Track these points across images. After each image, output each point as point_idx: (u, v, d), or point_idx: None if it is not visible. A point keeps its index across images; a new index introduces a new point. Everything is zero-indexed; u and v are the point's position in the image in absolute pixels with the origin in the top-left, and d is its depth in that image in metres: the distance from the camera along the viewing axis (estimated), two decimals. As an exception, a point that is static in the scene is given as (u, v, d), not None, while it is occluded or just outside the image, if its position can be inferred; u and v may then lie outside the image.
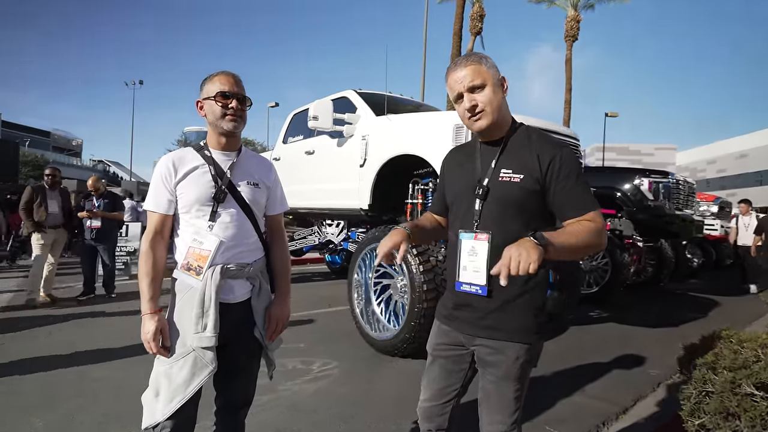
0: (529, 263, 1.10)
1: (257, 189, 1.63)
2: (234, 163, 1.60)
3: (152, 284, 1.50)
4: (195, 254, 1.51)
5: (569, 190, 1.31)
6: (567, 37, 19.13)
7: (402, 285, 3.67)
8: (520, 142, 1.39)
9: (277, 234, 1.78)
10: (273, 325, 1.65)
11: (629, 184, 6.29)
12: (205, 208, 1.52)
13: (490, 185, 1.36)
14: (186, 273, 1.52)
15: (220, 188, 1.54)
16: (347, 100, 4.94)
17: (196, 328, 1.46)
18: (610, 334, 4.70)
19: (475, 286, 1.36)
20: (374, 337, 3.80)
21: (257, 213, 1.64)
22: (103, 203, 5.90)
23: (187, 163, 1.55)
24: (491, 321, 1.36)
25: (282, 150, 6.09)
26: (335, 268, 8.37)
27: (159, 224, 1.54)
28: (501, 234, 1.33)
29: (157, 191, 1.54)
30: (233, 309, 1.56)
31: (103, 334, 4.16)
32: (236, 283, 1.57)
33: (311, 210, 5.53)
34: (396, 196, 4.32)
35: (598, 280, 6.23)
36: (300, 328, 4.53)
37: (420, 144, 3.79)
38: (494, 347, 1.36)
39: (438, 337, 1.51)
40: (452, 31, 14.88)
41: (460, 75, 1.36)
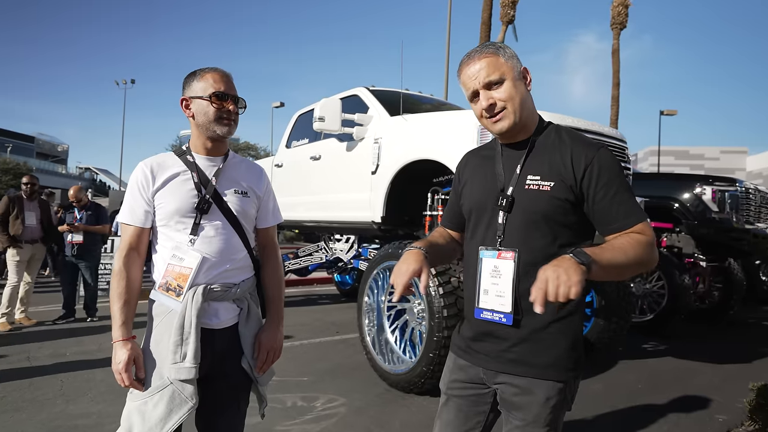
0: (569, 286, 1.05)
1: (246, 198, 1.64)
2: (220, 169, 1.61)
3: (125, 308, 1.49)
4: (174, 273, 1.50)
5: (612, 199, 1.28)
6: (613, 25, 19.02)
7: (419, 310, 3.64)
8: (550, 143, 1.36)
9: (269, 250, 1.77)
10: (263, 354, 1.64)
11: (689, 194, 6.15)
12: (186, 219, 1.52)
13: (515, 195, 1.33)
14: (164, 294, 1.51)
15: (203, 197, 1.54)
16: (358, 99, 4.99)
17: (174, 358, 1.45)
18: (668, 371, 4.54)
19: (498, 313, 1.32)
20: (387, 369, 3.76)
21: (246, 226, 1.64)
22: (85, 215, 6.05)
23: (167, 169, 1.56)
24: (517, 354, 1.32)
25: (285, 155, 6.16)
26: (345, 289, 8.37)
27: (134, 239, 1.54)
28: (528, 252, 1.31)
29: (132, 201, 1.54)
30: (218, 336, 1.55)
31: (82, 363, 4.22)
32: (221, 306, 1.56)
33: (317, 223, 5.56)
34: (413, 207, 4.31)
35: (653, 306, 6.07)
36: (302, 359, 4.52)
37: (440, 147, 3.79)
38: (521, 386, 1.32)
39: (453, 373, 1.47)
40: (480, 21, 14.96)
41: (473, 69, 1.33)
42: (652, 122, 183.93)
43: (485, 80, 1.32)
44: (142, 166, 1.55)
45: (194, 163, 1.59)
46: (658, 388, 4.01)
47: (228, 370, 1.59)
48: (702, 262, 6.69)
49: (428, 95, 5.85)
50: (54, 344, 4.89)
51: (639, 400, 3.72)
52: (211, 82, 1.54)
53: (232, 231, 1.59)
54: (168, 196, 1.53)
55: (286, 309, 7.21)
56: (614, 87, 18.78)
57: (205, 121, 1.54)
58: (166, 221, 1.53)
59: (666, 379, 4.28)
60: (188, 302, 1.47)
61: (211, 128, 1.55)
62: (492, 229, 1.37)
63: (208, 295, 1.51)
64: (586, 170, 1.28)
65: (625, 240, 1.24)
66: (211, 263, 1.53)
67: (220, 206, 1.57)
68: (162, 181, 1.53)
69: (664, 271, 5.93)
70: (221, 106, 1.53)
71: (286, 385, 3.73)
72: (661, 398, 3.77)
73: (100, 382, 3.72)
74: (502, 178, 1.38)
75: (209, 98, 1.53)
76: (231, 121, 1.57)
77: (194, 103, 1.55)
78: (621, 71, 18.81)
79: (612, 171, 1.29)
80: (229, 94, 1.55)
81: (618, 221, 1.28)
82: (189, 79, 1.58)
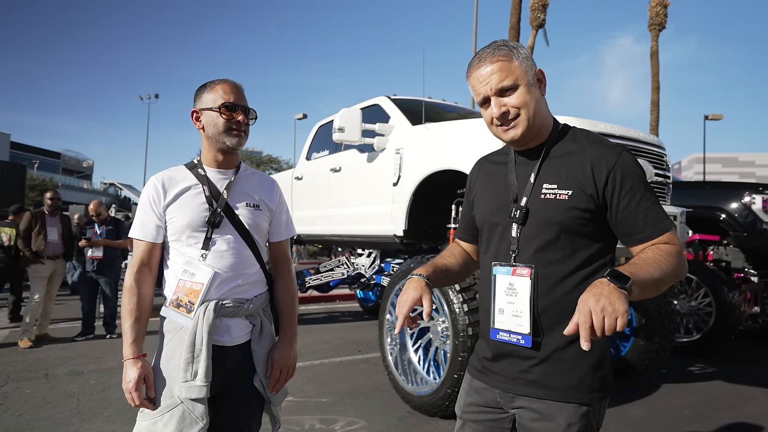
0: (615, 318, 1.01)
1: (258, 212, 1.66)
2: (231, 182, 1.64)
3: (136, 325, 1.52)
4: (185, 288, 1.52)
5: (637, 206, 1.24)
6: (651, 26, 18.71)
7: (443, 328, 3.59)
8: (566, 148, 1.32)
9: (281, 264, 1.79)
10: (276, 373, 1.64)
11: (737, 203, 5.96)
12: (197, 234, 1.55)
13: (529, 205, 1.29)
14: (175, 310, 1.53)
15: (215, 211, 1.56)
16: (379, 108, 5.02)
17: (185, 376, 1.46)
18: (716, 396, 4.34)
19: (515, 335, 1.28)
20: (410, 391, 3.71)
21: (258, 239, 1.66)
22: (105, 230, 6.23)
23: (178, 183, 1.59)
24: (538, 375, 1.27)
25: (305, 168, 6.23)
26: (368, 306, 8.35)
27: (146, 254, 1.58)
28: (545, 267, 1.27)
29: (144, 216, 1.58)
30: (229, 353, 1.56)
31: (100, 381, 4.31)
32: (233, 322, 1.57)
33: (338, 237, 5.58)
34: (436, 219, 4.28)
35: (700, 325, 5.84)
36: (322, 379, 4.50)
37: (463, 157, 3.76)
38: (540, 411, 1.27)
39: (469, 396, 1.43)
40: (508, 25, 14.93)
41: (484, 73, 1.29)
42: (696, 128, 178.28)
43: (497, 86, 1.28)
44: (153, 181, 1.59)
45: (205, 176, 1.62)
46: (706, 415, 3.83)
47: (240, 389, 1.60)
48: (753, 277, 6.42)
49: (453, 103, 5.84)
50: (72, 361, 5.01)
51: (685, 427, 3.56)
52: (221, 93, 1.57)
53: (244, 245, 1.61)
54: (179, 211, 1.56)
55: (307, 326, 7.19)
56: (654, 91, 18.40)
57: (215, 132, 1.57)
58: (178, 236, 1.56)
59: (715, 405, 4.08)
60: (199, 318, 1.49)
61: (220, 140, 1.58)
62: (505, 243, 1.33)
63: (219, 311, 1.52)
64: (609, 176, 1.24)
65: (656, 253, 1.20)
66: (222, 278, 1.54)
67: (232, 220, 1.59)
68: (173, 196, 1.57)
69: (711, 287, 5.72)
70: (231, 117, 1.56)
71: (305, 406, 3.72)
72: (709, 426, 3.59)
73: (116, 400, 3.78)
74: (515, 187, 1.35)
75: (219, 109, 1.56)
76: (241, 132, 1.59)
77: (204, 115, 1.59)
78: (661, 74, 18.45)
79: (636, 175, 1.25)
80: (239, 104, 1.58)
81: (645, 230, 1.24)
82: (200, 91, 1.63)
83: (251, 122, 1.64)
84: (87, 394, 3.95)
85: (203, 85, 1.64)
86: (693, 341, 5.80)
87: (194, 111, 1.62)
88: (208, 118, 1.58)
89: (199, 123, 1.61)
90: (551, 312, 1.25)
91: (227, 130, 1.57)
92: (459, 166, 3.77)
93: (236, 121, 1.58)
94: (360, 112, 4.68)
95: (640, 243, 1.25)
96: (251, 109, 1.63)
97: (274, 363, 1.64)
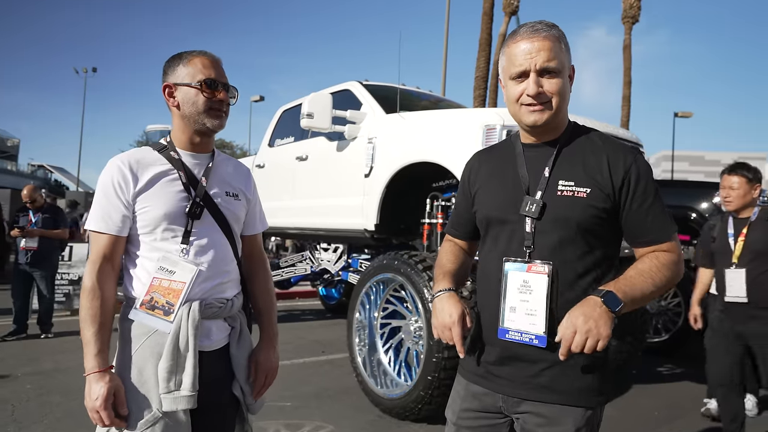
0: (597, 340, 1.16)
1: (238, 201, 1.62)
2: (209, 168, 1.57)
3: (100, 332, 1.41)
4: (162, 288, 1.45)
5: (647, 210, 1.31)
6: (625, 18, 19.29)
7: (416, 328, 3.64)
8: (581, 146, 1.37)
9: (258, 260, 1.76)
10: (262, 377, 1.61)
11: (707, 203, 6.24)
12: (175, 226, 1.47)
13: (546, 200, 1.32)
14: (148, 313, 1.44)
15: (195, 201, 1.49)
16: (350, 94, 5.00)
17: (167, 386, 1.39)
18: (685, 396, 4.58)
19: (528, 335, 1.30)
20: (380, 394, 3.75)
21: (237, 232, 1.63)
22: (41, 219, 5.98)
23: (149, 167, 1.49)
24: (549, 378, 1.31)
25: (267, 155, 6.15)
26: (331, 304, 8.34)
27: (109, 250, 1.46)
28: (562, 264, 1.31)
29: (107, 205, 1.46)
30: (208, 359, 1.49)
31: (36, 385, 4.15)
32: (214, 324, 1.53)
33: (302, 230, 5.54)
34: (409, 214, 4.32)
35: (669, 325, 6.12)
36: (285, 381, 4.48)
37: (441, 149, 3.81)
38: (547, 415, 1.31)
39: (465, 401, 1.45)
40: (482, 11, 15.11)
41: (532, 47, 1.28)
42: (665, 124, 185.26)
43: (543, 64, 1.27)
44: (118, 163, 1.47)
45: (180, 160, 1.53)
46: (676, 415, 4.05)
47: (218, 398, 1.54)
48: (721, 278, 6.75)
49: (427, 91, 5.88)
50: (3, 363, 4.80)
51: (656, 428, 3.75)
52: (200, 67, 1.49)
53: (224, 239, 1.56)
54: (153, 200, 1.46)
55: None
56: (625, 86, 18.99)
57: (194, 111, 1.49)
58: (151, 228, 1.47)
59: (685, 405, 4.31)
60: (182, 321, 1.42)
61: (200, 120, 1.50)
62: (517, 239, 1.35)
63: (204, 312, 1.47)
64: (625, 178, 1.30)
65: (653, 264, 1.29)
66: (205, 276, 1.48)
67: (212, 211, 1.53)
68: (146, 182, 1.46)
69: (681, 287, 5.98)
70: (212, 95, 1.49)
71: (268, 410, 3.68)
72: (680, 427, 3.80)
73: (56, 406, 3.66)
74: (526, 181, 1.37)
75: (199, 86, 1.48)
76: (222, 112, 1.53)
77: (180, 91, 1.50)
78: (633, 68, 19.08)
79: (649, 180, 1.32)
80: (221, 81, 1.51)
81: (650, 234, 1.32)
82: (173, 63, 1.52)
83: (232, 102, 1.56)
84: (23, 400, 3.80)
85: (177, 55, 1.53)
86: (662, 341, 6.08)
87: (167, 85, 1.51)
88: (185, 95, 1.49)
89: (173, 99, 1.51)
90: (565, 312, 1.28)
91: (208, 110, 1.49)
92: (436, 159, 3.81)
93: (218, 100, 1.50)
94: (330, 98, 4.65)
95: (643, 246, 1.33)
96: (232, 87, 1.56)
97: (259, 367, 1.60)
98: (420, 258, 3.64)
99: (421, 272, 3.49)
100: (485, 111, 3.87)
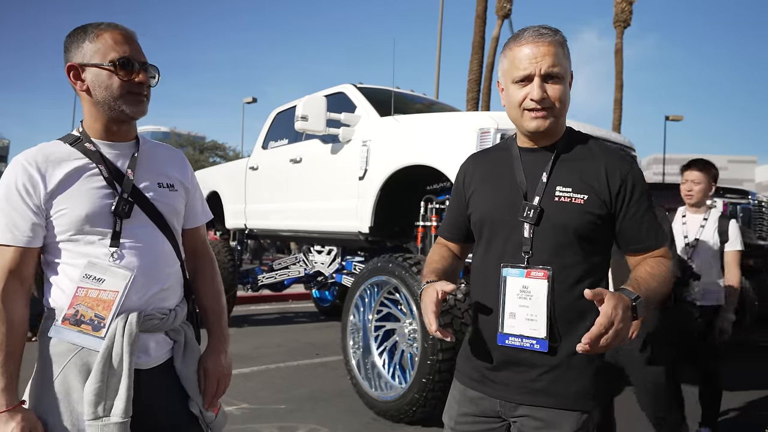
0: (622, 339, 1.14)
1: (174, 192, 1.44)
2: (135, 157, 1.39)
3: (7, 363, 1.21)
4: (89, 299, 1.27)
5: (641, 217, 1.34)
6: (617, 23, 19.45)
7: (410, 330, 3.65)
8: (578, 152, 1.38)
9: (203, 256, 1.60)
10: (213, 384, 1.46)
11: (698, 206, 6.28)
12: (101, 228, 1.30)
13: (543, 206, 1.33)
14: (73, 329, 1.26)
15: (121, 197, 1.31)
16: (344, 97, 5.02)
17: (93, 412, 1.21)
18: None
19: (529, 339, 1.30)
20: (374, 396, 3.76)
21: (177, 228, 1.46)
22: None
23: (61, 164, 1.29)
24: (547, 383, 1.32)
25: (261, 157, 6.15)
26: (324, 306, 8.34)
27: (15, 264, 1.25)
28: (560, 270, 1.32)
29: (12, 213, 1.25)
30: (146, 377, 1.33)
31: None
32: (152, 338, 1.36)
33: (296, 233, 5.54)
34: (403, 216, 4.34)
35: (661, 327, 6.16)
36: (278, 384, 4.49)
37: (436, 152, 3.83)
38: (545, 419, 1.32)
39: (462, 406, 1.45)
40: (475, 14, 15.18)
41: (537, 52, 1.28)
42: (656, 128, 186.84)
43: (548, 69, 1.27)
44: (21, 163, 1.26)
45: (98, 152, 1.33)
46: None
47: (175, 419, 1.39)
48: (712, 281, 6.81)
49: (421, 94, 5.91)
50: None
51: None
52: (111, 43, 1.29)
53: (162, 238, 1.39)
54: (71, 200, 1.27)
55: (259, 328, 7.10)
56: (617, 89, 19.15)
57: (108, 97, 1.29)
58: (71, 233, 1.28)
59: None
60: (116, 335, 1.25)
61: (116, 107, 1.31)
62: (513, 244, 1.36)
63: (143, 325, 1.31)
64: (622, 185, 1.32)
65: (658, 267, 1.32)
66: (142, 282, 1.32)
67: (144, 206, 1.36)
68: (59, 181, 1.27)
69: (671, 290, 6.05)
70: (129, 76, 1.29)
71: (262, 413, 3.70)
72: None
73: None
74: (523, 186, 1.37)
75: (112, 67, 1.28)
76: (143, 96, 1.34)
77: (89, 73, 1.29)
78: (625, 72, 19.23)
79: (643, 187, 1.35)
80: (138, 60, 1.31)
81: (645, 242, 1.36)
82: (77, 38, 1.31)
83: (153, 84, 1.37)
84: None
85: (81, 29, 1.31)
86: (654, 343, 6.11)
87: (72, 66, 1.30)
88: (95, 77, 1.28)
89: (81, 83, 1.30)
90: (564, 317, 1.31)
91: (125, 94, 1.30)
92: (430, 162, 3.83)
93: (137, 83, 1.31)
94: (324, 100, 4.66)
95: (637, 253, 1.37)
96: (152, 66, 1.36)
97: (208, 373, 1.46)
98: (414, 261, 3.65)
99: (416, 275, 3.50)
100: (480, 114, 3.91)
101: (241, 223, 6.39)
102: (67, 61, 1.31)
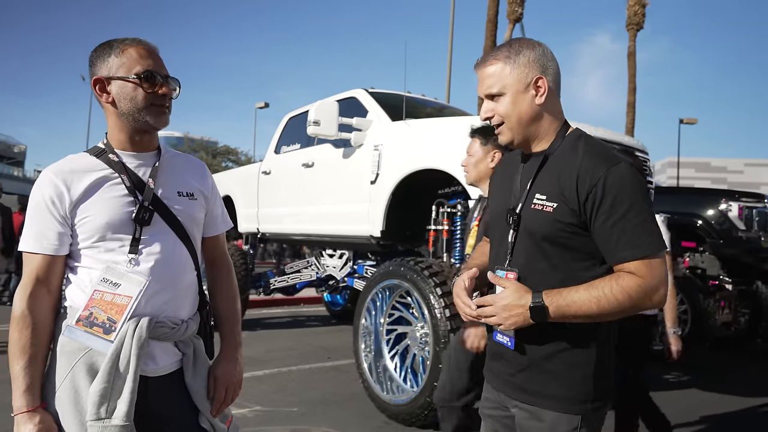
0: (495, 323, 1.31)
1: (194, 201, 1.48)
2: (156, 167, 1.43)
3: (30, 366, 1.26)
4: (104, 303, 1.29)
5: (612, 227, 1.23)
6: (629, 26, 19.35)
7: (422, 334, 3.66)
8: (563, 157, 1.33)
9: (220, 264, 1.63)
10: (222, 392, 1.46)
11: (714, 210, 6.22)
12: (121, 235, 1.33)
13: (522, 213, 1.36)
14: (86, 330, 1.28)
15: (142, 205, 1.35)
16: (356, 102, 5.06)
17: (96, 413, 1.22)
18: (692, 404, 4.57)
19: (505, 336, 1.39)
20: (386, 400, 3.77)
21: (196, 237, 1.49)
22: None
23: (85, 175, 1.34)
24: (522, 381, 1.38)
25: (273, 161, 6.20)
26: (336, 310, 8.36)
27: (44, 271, 1.31)
28: (529, 274, 1.35)
29: (39, 223, 1.31)
30: (154, 385, 1.34)
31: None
32: (159, 346, 1.37)
33: (308, 237, 5.57)
34: (415, 220, 4.35)
35: (675, 332, 6.10)
36: (291, 388, 4.51)
37: (447, 156, 3.84)
38: (530, 411, 1.37)
39: (486, 392, 1.56)
40: (486, 18, 15.18)
41: (479, 75, 1.39)
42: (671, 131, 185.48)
43: (486, 91, 1.38)
44: (49, 176, 1.33)
45: (121, 162, 1.38)
46: (682, 423, 4.04)
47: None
48: (728, 285, 6.75)
49: (432, 99, 5.93)
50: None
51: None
52: (137, 57, 1.34)
53: (180, 245, 1.42)
54: (93, 208, 1.32)
55: (271, 331, 7.11)
56: (630, 92, 19.03)
57: (133, 108, 1.34)
58: (94, 240, 1.33)
59: (690, 412, 4.30)
60: (126, 338, 1.27)
61: (140, 118, 1.36)
62: (504, 247, 1.42)
63: (153, 331, 1.32)
64: (590, 192, 1.24)
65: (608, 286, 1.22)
66: (156, 289, 1.34)
67: (164, 214, 1.39)
68: (82, 192, 1.32)
69: (687, 294, 5.98)
70: (153, 89, 1.35)
71: (275, 416, 3.72)
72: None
73: None
74: (516, 192, 1.42)
75: (137, 79, 1.33)
76: (166, 108, 1.40)
77: (115, 86, 1.34)
78: (637, 75, 19.11)
79: (621, 193, 1.23)
80: (161, 73, 1.37)
81: (618, 253, 1.24)
82: (103, 52, 1.36)
83: (174, 96, 1.42)
84: None
85: (107, 44, 1.38)
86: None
87: (98, 79, 1.35)
88: (121, 89, 1.34)
89: (107, 95, 1.35)
90: None
91: (149, 106, 1.35)
92: (442, 166, 3.84)
93: (160, 95, 1.36)
94: (336, 105, 4.70)
95: (615, 265, 1.26)
96: (174, 79, 1.41)
97: (218, 380, 1.47)
98: (426, 264, 3.66)
99: (427, 278, 3.51)
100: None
101: (253, 227, 6.45)
102: (92, 75, 1.37)
